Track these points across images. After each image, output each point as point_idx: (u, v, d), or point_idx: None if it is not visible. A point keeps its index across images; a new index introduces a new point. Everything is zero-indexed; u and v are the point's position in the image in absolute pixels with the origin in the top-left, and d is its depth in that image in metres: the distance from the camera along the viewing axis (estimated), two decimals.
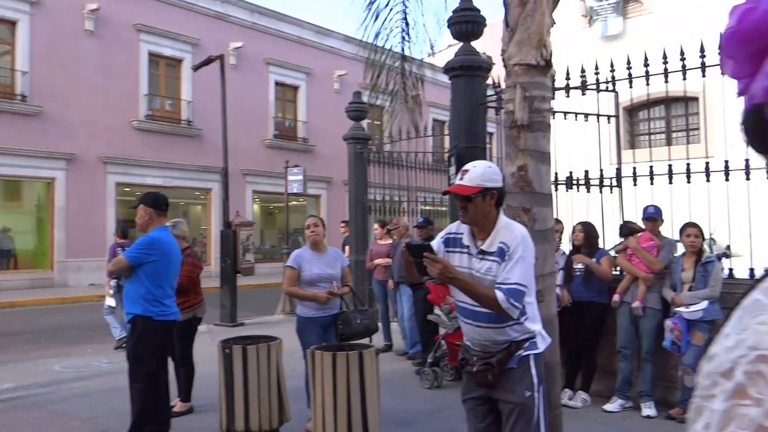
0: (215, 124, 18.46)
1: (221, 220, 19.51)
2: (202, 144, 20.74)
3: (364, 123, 10.93)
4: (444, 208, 11.98)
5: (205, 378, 5.63)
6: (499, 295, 2.53)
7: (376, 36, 7.23)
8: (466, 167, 2.76)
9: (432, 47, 8.30)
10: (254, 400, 4.02)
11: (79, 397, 6.00)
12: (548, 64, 3.32)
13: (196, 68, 11.81)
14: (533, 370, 2.66)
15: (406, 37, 7.33)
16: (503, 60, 3.38)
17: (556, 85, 3.74)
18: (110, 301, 8.64)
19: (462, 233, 2.76)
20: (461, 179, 2.69)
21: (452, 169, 7.81)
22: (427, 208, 10.93)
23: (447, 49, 23.36)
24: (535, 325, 2.71)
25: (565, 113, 6.36)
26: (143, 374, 4.38)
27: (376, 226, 9.07)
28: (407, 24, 7.37)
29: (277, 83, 23.77)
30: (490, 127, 8.18)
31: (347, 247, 10.62)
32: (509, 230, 2.67)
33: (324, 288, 4.78)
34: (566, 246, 6.36)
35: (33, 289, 15.95)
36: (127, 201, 19.42)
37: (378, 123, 25.90)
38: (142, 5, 19.57)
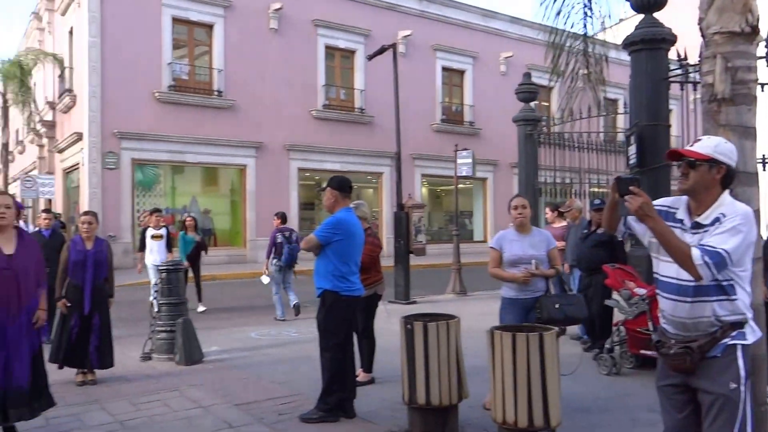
0: (385, 110, 19.15)
1: (392, 202, 20.16)
2: (373, 130, 21.61)
3: (532, 104, 10.71)
4: None
5: (383, 352, 5.94)
6: (695, 251, 2.38)
7: (557, 15, 7.04)
8: (700, 137, 2.66)
9: (604, 22, 7.92)
10: (434, 375, 4.18)
11: (275, 363, 6.65)
12: (754, 31, 3.04)
13: (370, 57, 12.31)
14: (740, 362, 2.47)
15: (588, 12, 7.04)
16: (700, 29, 3.15)
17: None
18: (265, 279, 9.65)
19: (677, 208, 2.63)
20: (691, 146, 2.58)
21: (631, 149, 7.42)
22: (601, 190, 10.47)
23: (619, 23, 21.92)
24: (747, 312, 2.51)
25: (763, 85, 5.74)
26: (332, 344, 4.75)
27: (546, 210, 8.88)
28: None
29: (444, 68, 24.00)
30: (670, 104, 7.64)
31: None
32: (732, 205, 2.51)
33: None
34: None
35: (229, 264, 17.84)
36: (308, 185, 20.90)
37: (546, 104, 25.13)
38: (319, 1, 20.77)
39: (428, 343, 4.22)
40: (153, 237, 10.09)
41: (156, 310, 7.09)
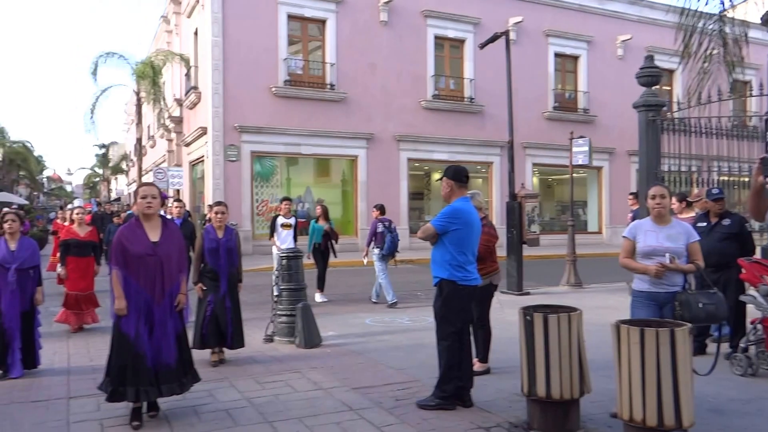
0: (495, 99, 18.86)
1: (502, 192, 19.79)
2: (483, 119, 21.35)
3: (653, 88, 10.10)
4: (745, 179, 10.47)
5: (497, 342, 5.89)
6: None
7: None
8: None
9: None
10: (555, 367, 4.09)
11: (389, 349, 6.78)
12: None
13: (482, 46, 12.12)
14: None
15: None
16: None
17: None
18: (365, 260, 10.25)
19: None
20: None
21: None
22: (732, 179, 9.73)
23: (746, 1, 20.15)
24: None
25: None
26: (449, 333, 4.77)
27: (674, 200, 8.40)
28: None
29: (556, 54, 23.27)
30: None
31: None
32: None
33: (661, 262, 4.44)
34: None
35: (341, 253, 18.15)
36: (417, 175, 21.03)
37: (667, 88, 23.71)
38: None
39: (548, 336, 4.14)
40: (282, 226, 10.42)
41: (276, 294, 7.44)
